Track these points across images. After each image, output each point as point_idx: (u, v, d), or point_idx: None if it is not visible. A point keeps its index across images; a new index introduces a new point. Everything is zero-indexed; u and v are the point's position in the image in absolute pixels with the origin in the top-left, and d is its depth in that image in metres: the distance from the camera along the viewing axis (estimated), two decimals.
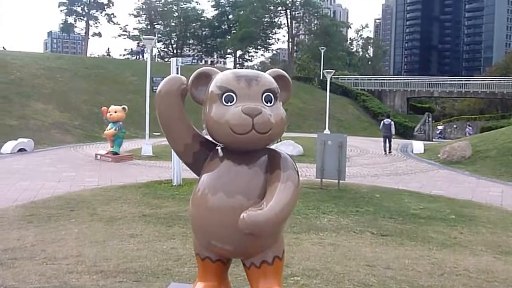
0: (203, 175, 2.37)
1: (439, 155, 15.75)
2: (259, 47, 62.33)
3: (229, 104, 2.15)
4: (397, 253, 5.18)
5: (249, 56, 64.35)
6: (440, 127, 40.80)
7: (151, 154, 14.66)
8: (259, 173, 2.27)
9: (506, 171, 13.03)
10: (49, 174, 10.82)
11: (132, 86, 28.57)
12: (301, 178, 2.72)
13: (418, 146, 18.87)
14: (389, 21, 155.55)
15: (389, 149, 17.78)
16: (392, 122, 18.46)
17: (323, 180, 9.80)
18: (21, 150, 15.08)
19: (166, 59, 57.10)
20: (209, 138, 2.36)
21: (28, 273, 4.08)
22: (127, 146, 16.11)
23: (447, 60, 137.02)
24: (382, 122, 19.02)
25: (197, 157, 2.42)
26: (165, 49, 64.08)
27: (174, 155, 8.62)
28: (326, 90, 27.27)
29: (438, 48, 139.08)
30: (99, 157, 13.58)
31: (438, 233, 6.39)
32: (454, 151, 15.11)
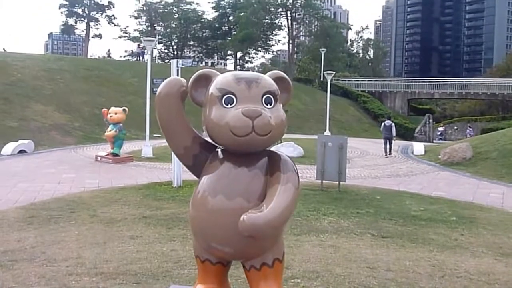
0: (203, 177, 2.36)
1: (439, 157, 15.73)
2: (260, 48, 62.38)
3: (229, 106, 2.14)
4: (397, 255, 5.17)
5: (249, 58, 64.44)
6: (440, 129, 40.78)
7: (151, 155, 14.67)
8: (259, 175, 2.26)
9: (507, 172, 13.02)
10: (49, 176, 10.81)
11: (132, 88, 28.59)
12: (302, 179, 2.71)
13: (418, 147, 18.86)
14: (390, 22, 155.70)
15: (389, 151, 17.78)
16: (393, 124, 18.48)
17: (324, 181, 9.80)
18: (21, 152, 15.08)
19: (166, 61, 57.19)
20: (209, 140, 2.35)
21: (27, 275, 4.07)
22: (128, 147, 16.10)
23: (448, 62, 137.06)
24: (383, 123, 19.03)
25: (197, 159, 2.41)
26: (166, 51, 64.19)
27: (175, 157, 8.60)
28: (327, 91, 27.29)
29: (439, 49, 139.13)
30: (99, 158, 13.58)
31: (438, 235, 6.38)
32: (454, 152, 15.10)
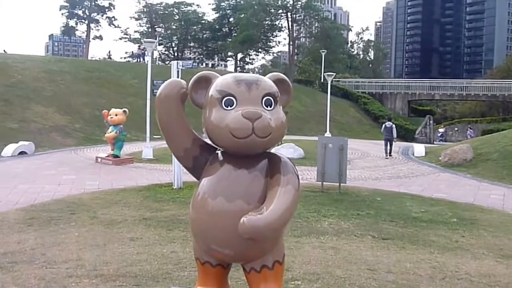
0: (203, 179, 2.36)
1: (440, 158, 15.72)
2: (260, 50, 62.42)
3: (229, 108, 2.14)
4: (398, 257, 5.16)
5: (250, 59, 64.44)
6: (441, 130, 40.74)
7: (151, 157, 14.66)
8: (259, 177, 2.26)
9: (507, 174, 13.00)
10: (49, 177, 10.80)
11: (132, 89, 28.61)
12: (302, 181, 2.71)
13: (419, 149, 18.85)
14: (390, 23, 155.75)
15: (389, 152, 17.76)
16: (394, 125, 18.48)
17: (324, 183, 9.78)
18: (22, 153, 15.08)
19: (167, 62, 57.23)
20: (209, 142, 2.35)
21: (27, 277, 4.07)
22: (128, 149, 16.09)
23: (448, 63, 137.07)
24: (383, 125, 19.02)
25: (197, 162, 2.40)
26: (166, 52, 64.25)
27: (175, 158, 8.60)
28: (327, 93, 27.28)
29: (439, 50, 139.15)
30: (99, 160, 13.57)
31: (439, 236, 6.36)
32: (455, 154, 15.08)
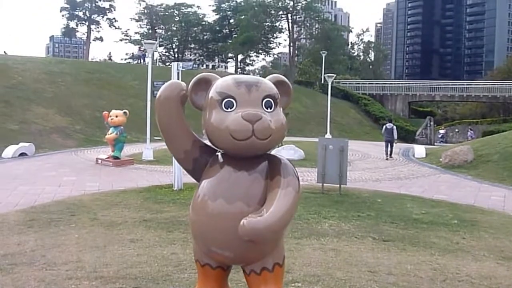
0: (203, 181, 2.35)
1: (440, 159, 15.71)
2: (260, 51, 62.40)
3: (229, 110, 2.13)
4: (399, 258, 5.15)
5: (250, 61, 64.42)
6: (441, 131, 40.77)
7: (152, 158, 14.65)
8: (259, 179, 2.25)
9: (508, 175, 12.99)
10: (49, 179, 10.80)
11: (133, 91, 28.62)
12: (302, 182, 2.70)
13: (419, 150, 18.84)
14: (390, 25, 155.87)
15: (390, 154, 17.75)
16: (395, 127, 18.46)
17: (324, 184, 9.77)
18: (22, 155, 15.08)
19: (167, 64, 57.17)
20: (209, 144, 2.34)
21: (27, 279, 4.06)
22: (128, 150, 16.08)
23: (449, 64, 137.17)
24: (384, 126, 19.00)
25: (197, 163, 2.40)
26: (166, 54, 64.23)
27: (175, 160, 8.59)
28: (328, 94, 27.27)
29: (440, 52, 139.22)
30: (100, 161, 13.57)
31: (440, 238, 6.35)
32: (456, 155, 15.07)
